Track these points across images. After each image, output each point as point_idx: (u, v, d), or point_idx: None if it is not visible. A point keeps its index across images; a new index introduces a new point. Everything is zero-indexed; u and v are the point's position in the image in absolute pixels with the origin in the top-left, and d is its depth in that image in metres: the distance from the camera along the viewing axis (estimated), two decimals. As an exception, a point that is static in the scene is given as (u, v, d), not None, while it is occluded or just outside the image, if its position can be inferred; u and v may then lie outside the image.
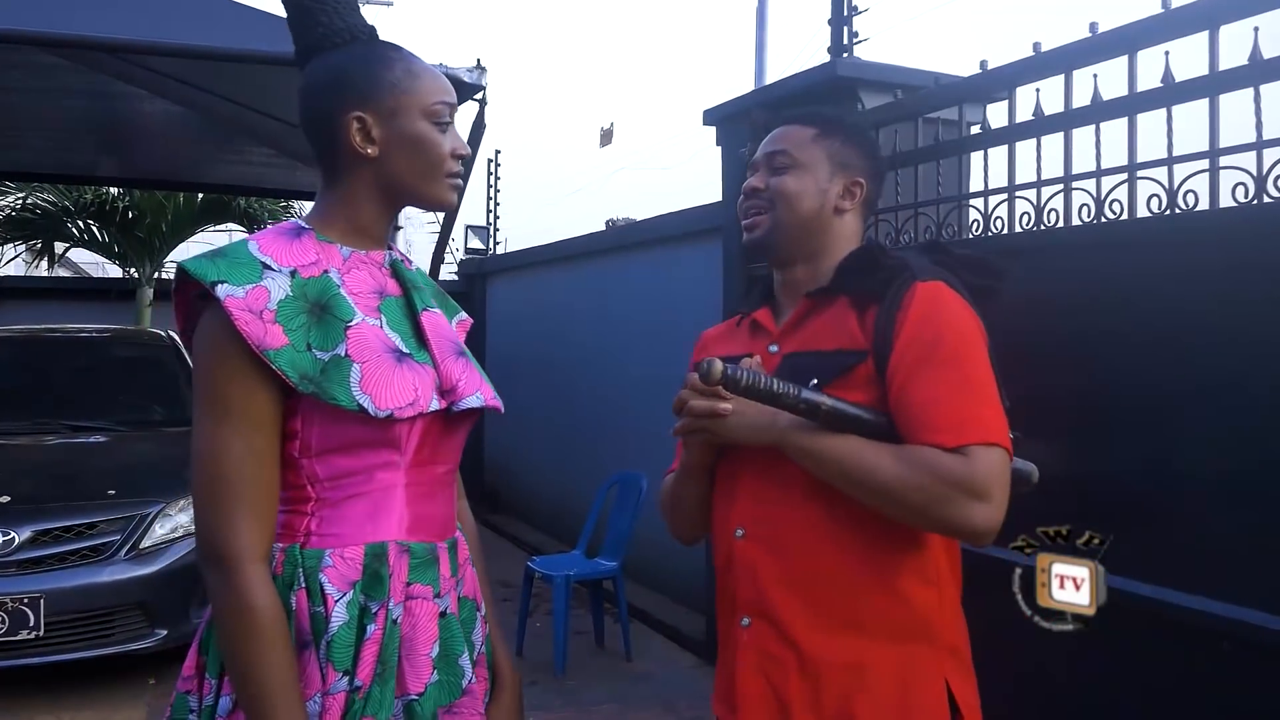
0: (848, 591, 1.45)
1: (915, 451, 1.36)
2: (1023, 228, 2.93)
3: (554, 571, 4.69)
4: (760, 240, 1.60)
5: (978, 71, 3.13)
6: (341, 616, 1.28)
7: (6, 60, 5.52)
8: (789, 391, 1.36)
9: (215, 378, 1.26)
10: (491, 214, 10.15)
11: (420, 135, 1.36)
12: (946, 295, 1.46)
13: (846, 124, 1.65)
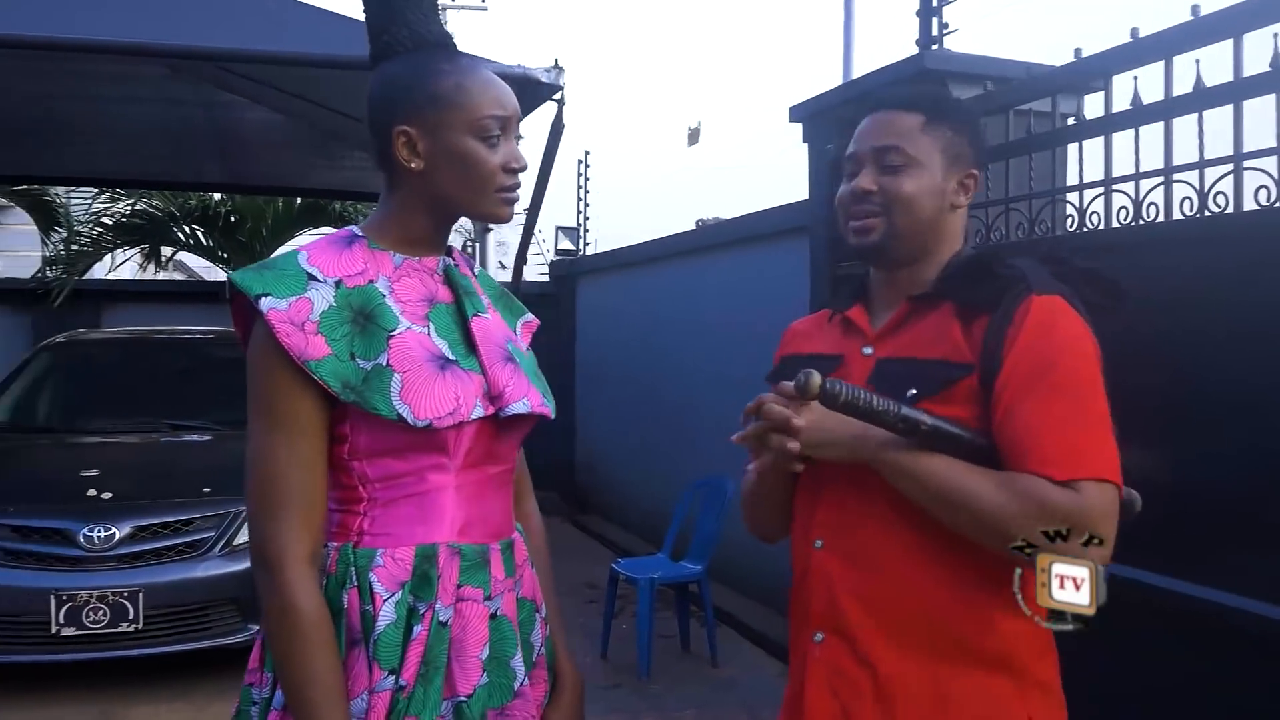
0: (930, 616, 1.35)
1: (1022, 481, 1.26)
2: (1120, 223, 2.80)
3: (638, 574, 4.66)
4: (875, 246, 1.47)
5: (1072, 61, 3.00)
6: (389, 616, 1.30)
7: (116, 72, 5.75)
8: (889, 408, 1.27)
9: (263, 387, 1.30)
10: (582, 215, 10.19)
11: (466, 151, 1.35)
12: (1064, 312, 1.35)
13: (954, 107, 1.53)
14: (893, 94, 1.52)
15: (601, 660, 4.80)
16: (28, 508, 4.22)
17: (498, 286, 1.62)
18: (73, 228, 9.05)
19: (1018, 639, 1.35)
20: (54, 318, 7.99)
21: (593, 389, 8.99)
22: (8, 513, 4.19)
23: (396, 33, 1.40)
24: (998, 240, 3.23)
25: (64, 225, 9.09)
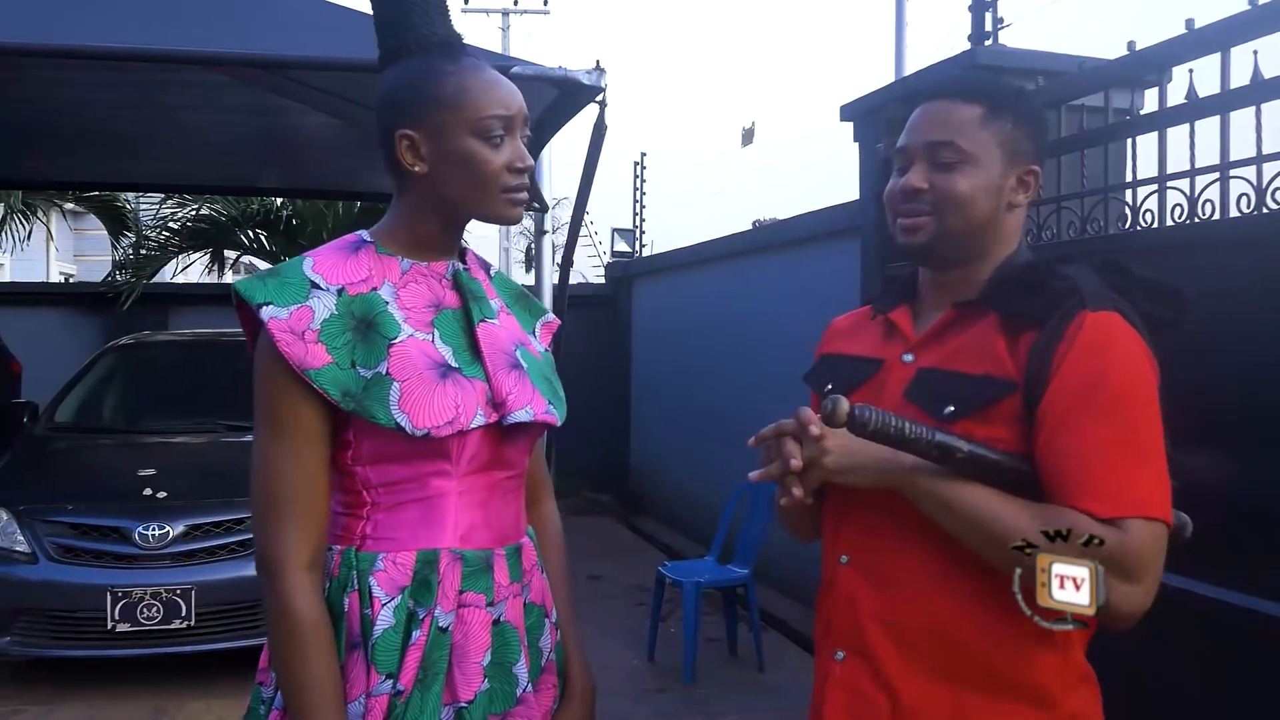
0: (956, 644, 1.28)
1: (1062, 516, 1.17)
2: (1174, 221, 2.70)
3: (685, 578, 4.63)
4: (923, 247, 1.37)
5: (1124, 54, 2.91)
6: (387, 620, 1.30)
7: (178, 80, 5.88)
8: (921, 434, 1.20)
9: (266, 395, 1.31)
10: (638, 217, 10.19)
11: (468, 152, 1.34)
12: (1119, 330, 1.25)
13: (1015, 99, 1.41)
14: (949, 82, 1.42)
15: (649, 663, 4.78)
16: (86, 506, 4.33)
17: (516, 288, 1.61)
18: (141, 232, 9.30)
19: (1049, 670, 1.27)
20: (124, 320, 8.21)
21: (648, 390, 8.98)
22: (66, 511, 4.30)
23: (403, 35, 1.40)
24: (1049, 240, 3.14)
25: (132, 230, 9.34)
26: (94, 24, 4.60)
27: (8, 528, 4.24)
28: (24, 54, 4.67)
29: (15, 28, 4.40)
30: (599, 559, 6.82)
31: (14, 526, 4.24)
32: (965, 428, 1.26)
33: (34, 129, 6.85)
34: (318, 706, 1.25)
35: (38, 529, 4.23)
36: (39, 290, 10.25)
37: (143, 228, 9.40)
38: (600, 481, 9.24)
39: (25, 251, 11.37)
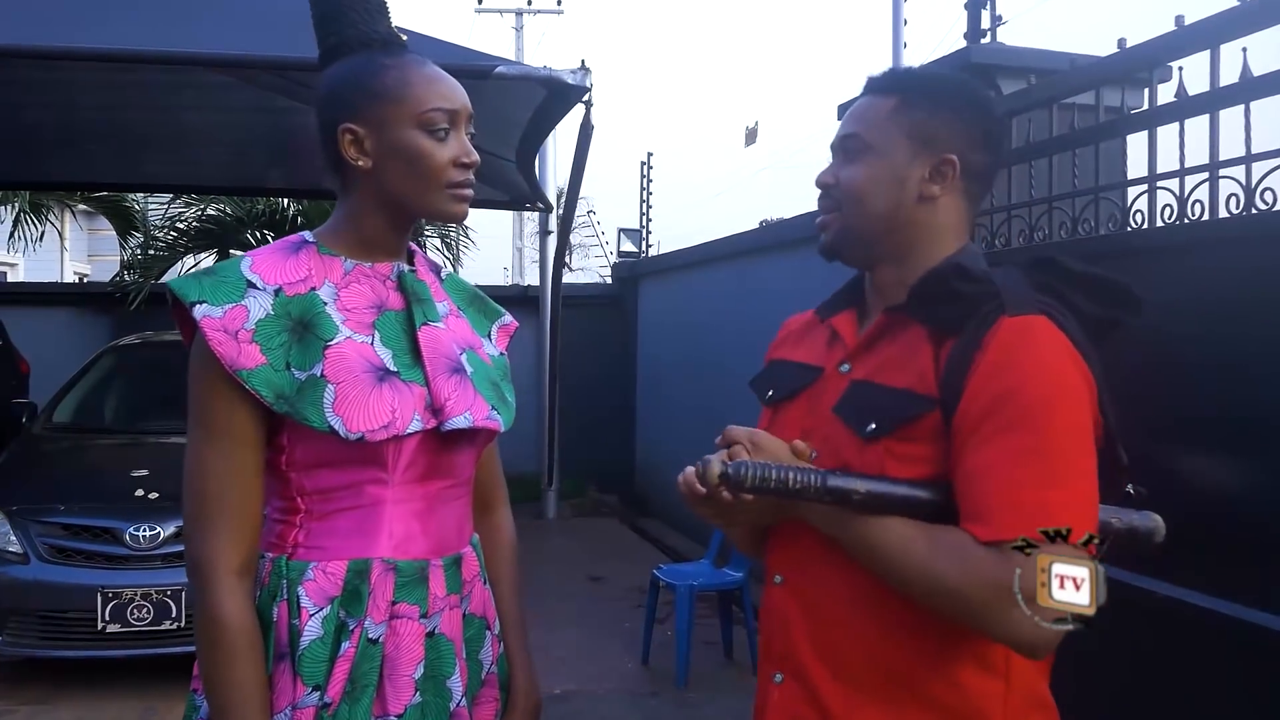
0: (890, 668, 1.22)
1: (948, 537, 1.11)
2: (1164, 221, 2.64)
3: (679, 581, 4.59)
4: (831, 245, 1.35)
5: (1116, 51, 2.85)
6: (315, 631, 1.27)
7: (185, 81, 5.90)
8: (810, 483, 1.14)
9: (199, 397, 1.28)
10: (644, 216, 10.16)
11: (411, 145, 1.31)
12: (1040, 335, 1.15)
13: (936, 88, 1.33)
14: (877, 78, 1.37)
15: (643, 667, 4.74)
16: (78, 506, 4.33)
17: (470, 290, 1.58)
18: (149, 233, 9.33)
19: (988, 700, 1.20)
20: (132, 320, 8.24)
21: (654, 390, 8.95)
22: (59, 511, 4.31)
23: (343, 32, 1.38)
24: (1041, 240, 3.09)
25: (140, 230, 9.37)
26: (100, 26, 4.62)
27: (0, 528, 4.25)
28: (30, 56, 4.70)
29: (21, 30, 4.42)
30: (602, 560, 6.80)
31: (6, 526, 4.25)
32: (887, 445, 1.21)
33: (41, 130, 6.90)
34: (242, 716, 1.22)
35: (30, 529, 4.24)
36: (49, 290, 10.30)
37: (151, 228, 9.43)
38: (606, 482, 9.22)
39: (40, 251, 11.44)
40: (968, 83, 1.39)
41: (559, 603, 5.82)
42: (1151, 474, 2.46)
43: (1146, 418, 2.60)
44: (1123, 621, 2.49)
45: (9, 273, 17.15)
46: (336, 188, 1.40)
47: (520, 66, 3.75)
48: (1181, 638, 2.36)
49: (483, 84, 4.26)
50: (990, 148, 1.34)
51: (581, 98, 3.73)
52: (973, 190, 1.34)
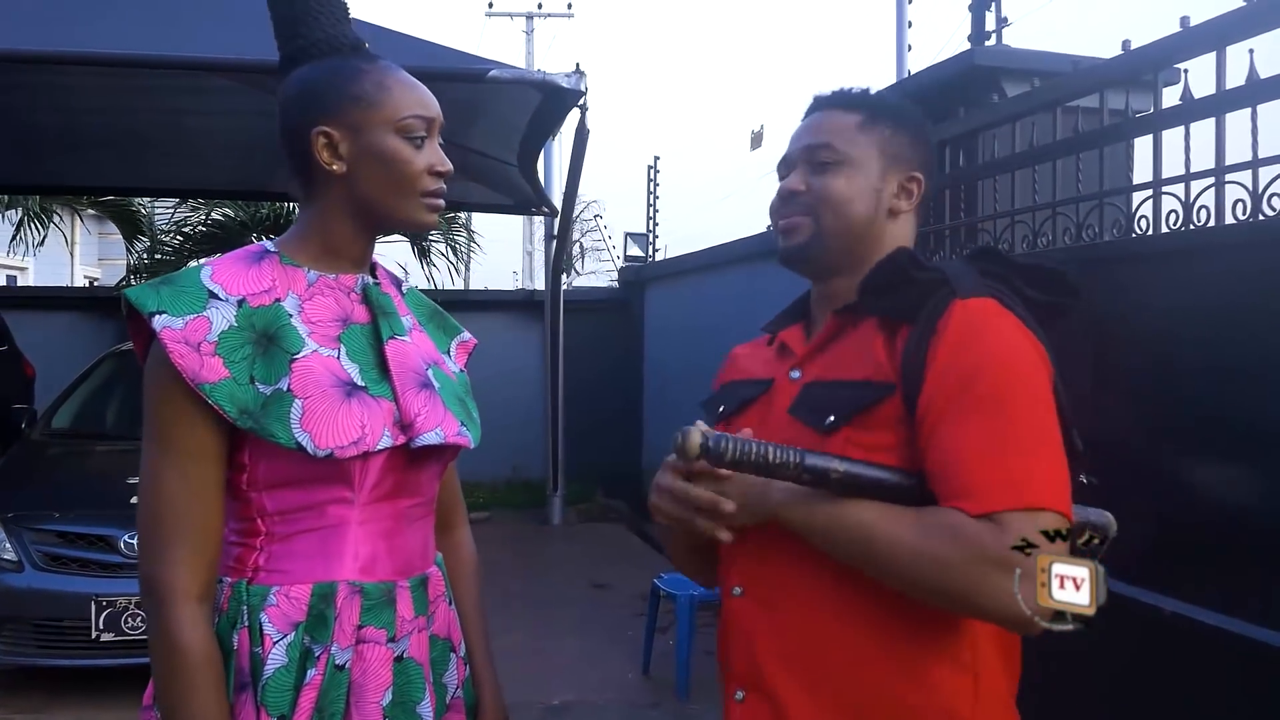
0: (858, 673, 1.20)
1: (937, 518, 1.10)
2: (1169, 227, 2.58)
3: (680, 590, 4.53)
4: (799, 250, 1.34)
5: (1120, 53, 2.79)
6: (279, 659, 1.22)
7: (189, 85, 5.89)
8: (789, 459, 1.13)
9: (156, 411, 1.23)
10: (651, 220, 10.11)
11: (389, 151, 1.28)
12: (993, 317, 1.18)
13: (894, 107, 1.38)
14: (831, 95, 1.39)
15: (644, 677, 4.69)
16: (73, 514, 4.29)
17: (430, 305, 1.54)
18: (155, 237, 9.33)
19: (958, 698, 1.19)
20: (138, 325, 8.20)
21: (661, 395, 8.91)
22: (53, 518, 4.27)
23: (309, 35, 1.33)
24: (1045, 247, 3.03)
25: (147, 234, 9.37)
26: (103, 31, 4.61)
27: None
28: (34, 61, 4.69)
29: (24, 35, 4.41)
30: (606, 567, 6.75)
31: (1, 534, 4.21)
32: (847, 435, 1.20)
33: (47, 134, 6.90)
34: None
35: (24, 537, 4.20)
36: (56, 294, 10.32)
37: (157, 232, 9.44)
38: (613, 487, 9.17)
39: (49, 255, 11.47)
40: (916, 108, 1.43)
41: (561, 610, 5.78)
42: (1155, 479, 2.43)
43: (1150, 423, 2.55)
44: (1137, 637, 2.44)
45: (19, 276, 17.23)
46: (300, 194, 1.35)
47: (514, 70, 3.71)
48: (1194, 655, 2.30)
49: (483, 89, 4.23)
50: (933, 171, 1.40)
51: (577, 102, 3.70)
52: (919, 211, 1.38)
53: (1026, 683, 1.30)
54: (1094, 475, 1.26)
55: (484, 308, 9.66)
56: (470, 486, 9.47)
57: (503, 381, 9.00)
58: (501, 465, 9.17)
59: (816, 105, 1.39)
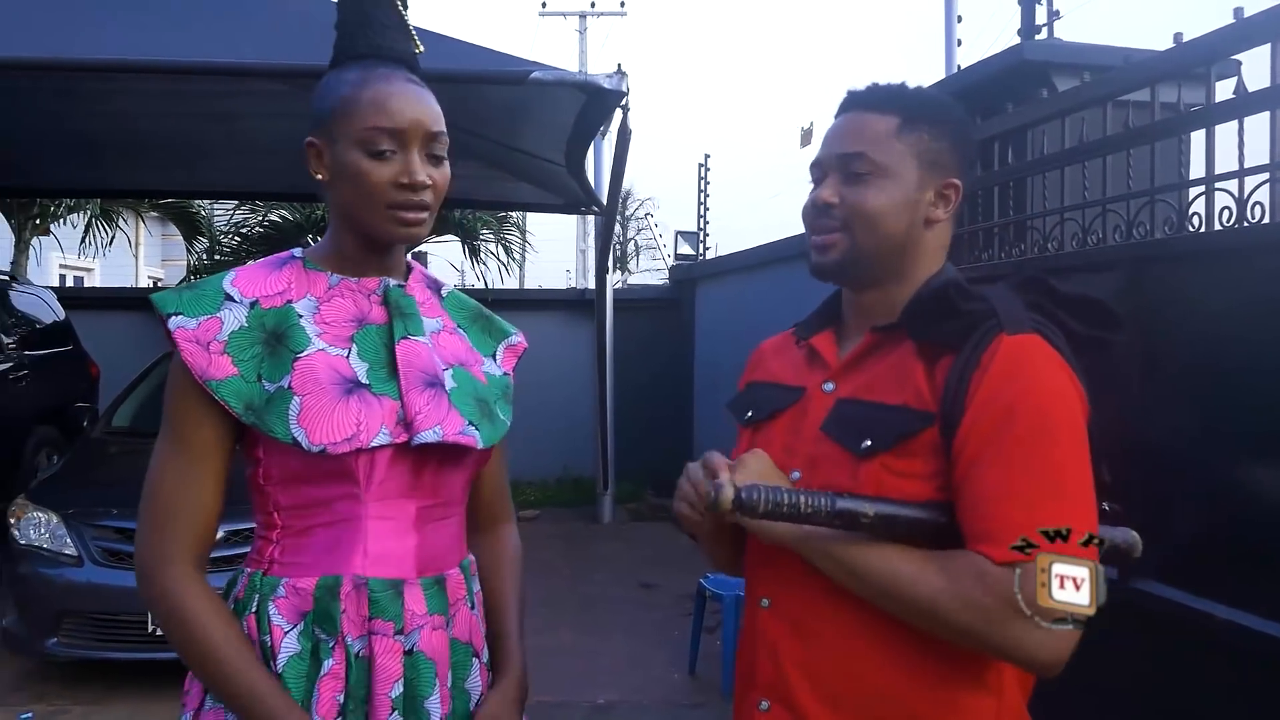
0: (882, 692, 1.20)
1: (959, 562, 1.10)
2: (1223, 224, 2.51)
3: (726, 590, 4.52)
4: (836, 266, 1.30)
5: (1172, 46, 2.72)
6: (292, 647, 1.26)
7: (244, 90, 6.00)
8: (821, 506, 1.13)
9: (170, 406, 1.30)
10: (701, 219, 10.09)
11: (349, 164, 1.29)
12: (1036, 355, 1.16)
13: (933, 107, 1.32)
14: (865, 94, 1.33)
15: (689, 677, 4.68)
16: (131, 511, 4.36)
17: (474, 308, 1.54)
18: (214, 238, 9.52)
19: (979, 715, 1.18)
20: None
21: (712, 394, 8.88)
22: (112, 515, 4.38)
23: (340, 44, 1.37)
24: (1095, 245, 2.96)
25: (206, 236, 9.57)
26: (160, 39, 4.71)
27: (57, 531, 4.34)
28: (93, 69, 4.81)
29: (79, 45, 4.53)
30: (654, 567, 6.74)
31: (63, 530, 4.33)
32: (883, 461, 1.19)
33: (106, 139, 7.07)
34: (260, 689, 1.21)
35: (84, 532, 4.31)
36: (120, 294, 10.56)
37: (216, 233, 9.63)
38: (663, 486, 9.16)
39: (114, 256, 11.76)
40: (959, 105, 1.38)
41: (609, 609, 5.79)
42: (1204, 481, 2.37)
43: (1203, 426, 2.48)
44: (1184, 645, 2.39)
45: (85, 277, 17.68)
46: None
47: (556, 71, 3.72)
48: (1246, 663, 2.24)
49: (529, 90, 4.25)
50: (972, 172, 1.32)
51: (619, 102, 3.70)
52: (958, 212, 1.34)
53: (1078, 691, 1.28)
54: (1116, 502, 1.25)
55: (535, 307, 9.72)
56: (521, 485, 9.57)
57: (554, 380, 9.05)
58: (552, 464, 9.22)
59: (850, 103, 1.33)
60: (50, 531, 4.35)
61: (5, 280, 7.84)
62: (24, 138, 6.82)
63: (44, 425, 7.32)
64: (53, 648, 4.24)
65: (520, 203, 7.98)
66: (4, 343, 7.18)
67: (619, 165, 4.05)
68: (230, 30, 4.88)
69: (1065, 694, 1.30)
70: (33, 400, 7.27)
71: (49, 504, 4.48)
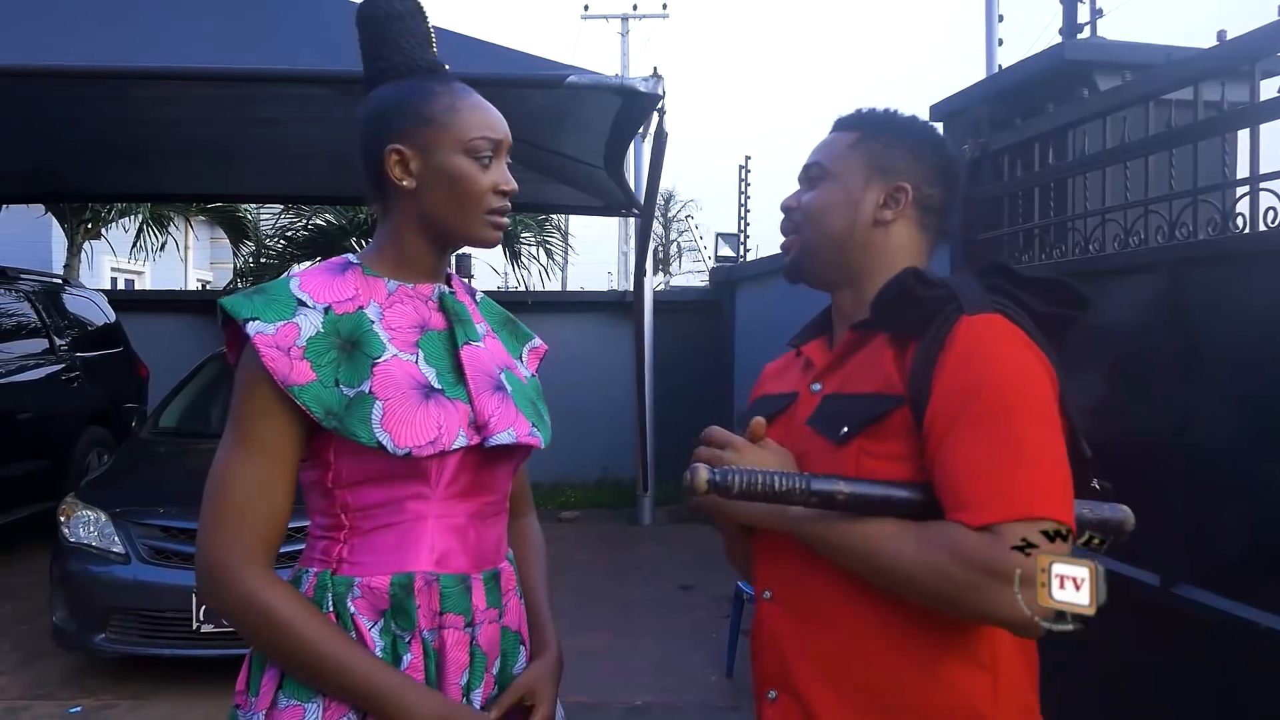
0: (881, 674, 1.24)
1: (939, 531, 1.14)
2: (1268, 225, 2.46)
3: (762, 593, 4.50)
4: (793, 265, 1.44)
5: (1215, 44, 2.67)
6: (378, 642, 1.29)
7: (289, 95, 6.08)
8: (795, 486, 1.17)
9: (243, 408, 1.30)
10: (742, 220, 10.07)
11: (456, 170, 1.35)
12: (999, 332, 1.21)
13: (894, 124, 1.42)
14: (844, 116, 1.47)
15: (726, 679, 4.67)
16: (177, 510, 4.47)
17: (502, 313, 1.61)
18: (261, 242, 9.66)
19: (979, 695, 1.22)
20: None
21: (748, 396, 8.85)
22: (158, 514, 4.46)
23: (390, 57, 1.41)
24: (1137, 246, 2.92)
25: (252, 239, 9.72)
26: (204, 46, 4.80)
27: (105, 529, 4.44)
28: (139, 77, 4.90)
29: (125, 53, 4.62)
30: (692, 568, 6.73)
31: (110, 528, 4.43)
32: (860, 445, 1.25)
33: (154, 144, 7.19)
34: (367, 669, 1.25)
35: (131, 531, 4.41)
36: (170, 297, 10.77)
37: (263, 237, 9.77)
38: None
39: (164, 259, 11.98)
40: (927, 125, 1.46)
41: (647, 611, 5.80)
42: (1247, 484, 2.32)
43: (1241, 427, 2.44)
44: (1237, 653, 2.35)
45: (136, 280, 18.03)
46: (379, 209, 1.43)
47: (592, 75, 3.73)
48: None
49: (568, 94, 4.27)
50: (943, 183, 1.41)
51: (655, 105, 3.71)
52: (926, 221, 1.40)
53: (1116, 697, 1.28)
54: (1107, 479, 1.30)
55: (576, 309, 9.76)
56: (562, 486, 9.60)
57: (595, 382, 9.07)
58: (592, 465, 9.24)
59: (832, 127, 1.47)
60: (99, 530, 4.45)
61: (58, 284, 8.02)
62: (77, 145, 6.96)
63: (95, 425, 7.50)
64: (100, 643, 4.34)
65: (561, 205, 8.01)
66: (56, 344, 7.36)
67: (655, 168, 4.07)
68: (273, 36, 4.95)
69: (1103, 701, 1.29)
70: (84, 401, 7.45)
71: (97, 503, 4.59)
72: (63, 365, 7.34)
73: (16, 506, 6.50)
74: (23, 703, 4.28)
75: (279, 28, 5.07)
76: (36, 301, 7.35)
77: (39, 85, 5.24)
